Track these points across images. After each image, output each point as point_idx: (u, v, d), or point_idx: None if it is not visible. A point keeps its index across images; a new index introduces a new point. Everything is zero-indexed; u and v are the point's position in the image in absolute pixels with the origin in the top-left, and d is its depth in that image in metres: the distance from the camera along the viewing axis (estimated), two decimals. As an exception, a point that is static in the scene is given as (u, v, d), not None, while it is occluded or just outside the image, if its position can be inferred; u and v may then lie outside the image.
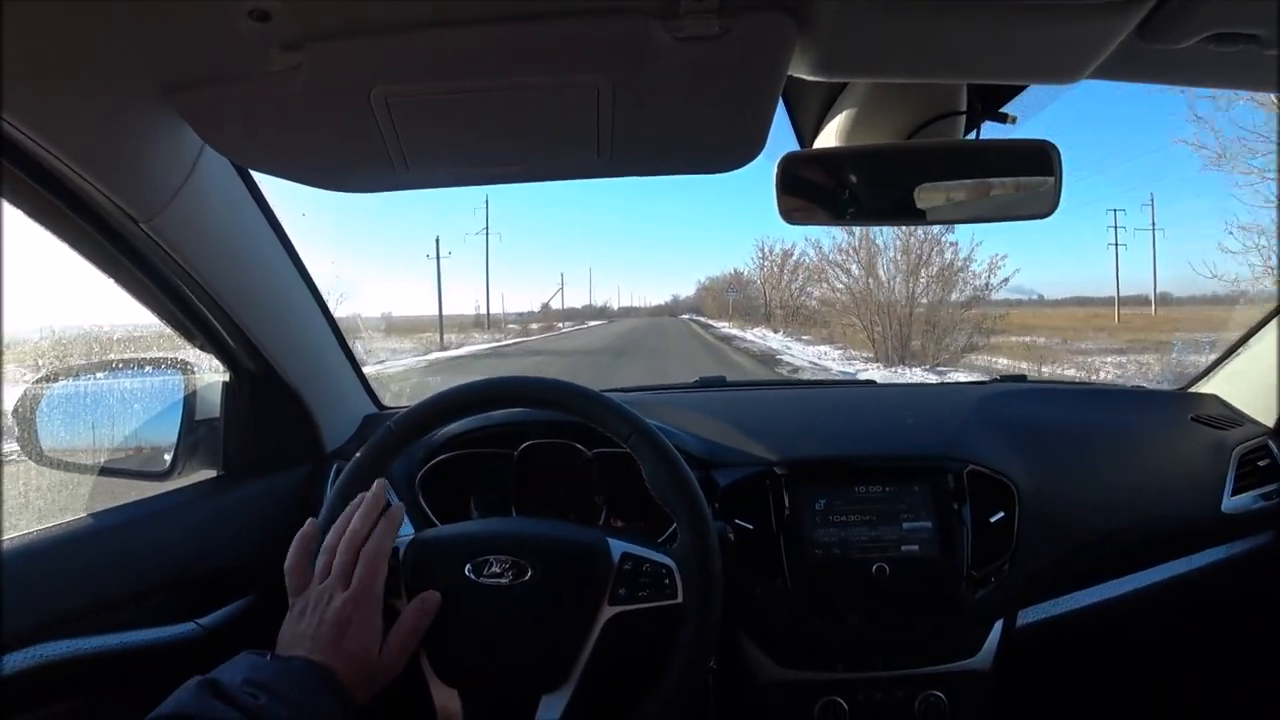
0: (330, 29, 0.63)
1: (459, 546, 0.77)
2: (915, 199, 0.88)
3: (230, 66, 0.67)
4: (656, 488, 0.80)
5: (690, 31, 0.63)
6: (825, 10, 0.62)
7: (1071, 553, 1.11)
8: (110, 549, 0.90)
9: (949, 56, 0.71)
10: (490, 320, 45.19)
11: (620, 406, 0.83)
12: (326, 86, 0.68)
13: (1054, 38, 0.66)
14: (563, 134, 0.77)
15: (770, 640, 1.04)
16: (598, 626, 0.74)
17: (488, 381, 0.86)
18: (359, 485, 0.82)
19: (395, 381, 11.97)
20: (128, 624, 0.88)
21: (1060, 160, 0.87)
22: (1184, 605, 1.23)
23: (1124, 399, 1.46)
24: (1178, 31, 0.65)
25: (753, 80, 0.70)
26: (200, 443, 1.09)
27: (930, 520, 1.02)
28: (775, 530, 1.02)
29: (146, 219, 0.80)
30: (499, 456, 1.14)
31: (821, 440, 1.13)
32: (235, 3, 0.59)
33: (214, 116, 0.73)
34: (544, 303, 67.19)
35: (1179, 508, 1.20)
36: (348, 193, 0.85)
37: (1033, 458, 1.13)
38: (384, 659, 0.69)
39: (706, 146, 0.82)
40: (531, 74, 0.68)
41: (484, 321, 44.69)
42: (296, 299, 1.12)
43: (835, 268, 17.05)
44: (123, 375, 1.10)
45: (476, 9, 0.62)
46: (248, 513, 1.08)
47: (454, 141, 0.78)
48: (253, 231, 1.00)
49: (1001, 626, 1.06)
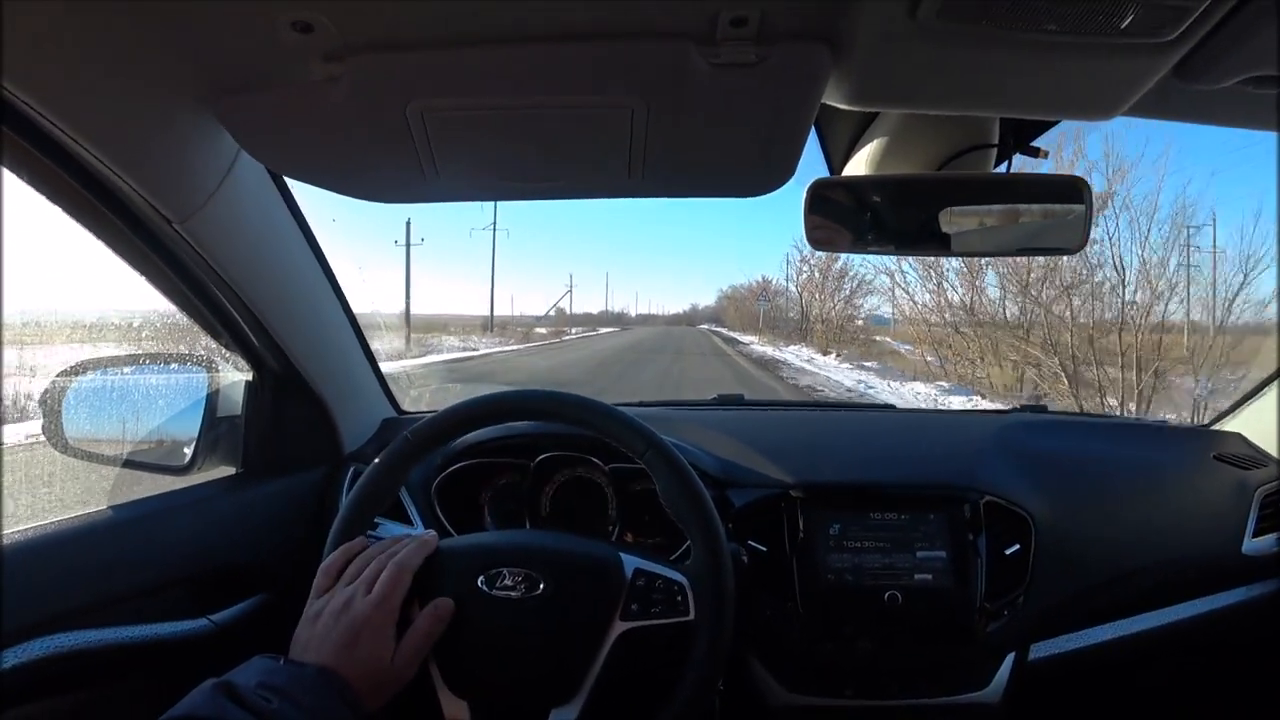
0: (370, 42, 0.64)
1: (472, 557, 0.77)
2: (943, 229, 0.88)
3: (271, 75, 0.68)
4: (671, 504, 0.80)
5: (727, 58, 0.64)
6: (861, 41, 0.62)
7: (1087, 588, 1.10)
8: (126, 542, 0.91)
9: (984, 90, 0.71)
10: (499, 323, 42.65)
11: (636, 422, 0.83)
12: (364, 98, 0.69)
13: (1090, 74, 0.66)
14: (596, 153, 0.78)
15: (780, 664, 1.03)
16: (609, 641, 0.74)
17: (506, 394, 0.87)
18: (377, 492, 0.83)
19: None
20: (142, 617, 0.89)
21: (1091, 195, 0.87)
22: (1201, 647, 1.21)
23: (1146, 434, 1.44)
24: (1215, 73, 0.65)
25: (787, 108, 0.70)
26: (221, 439, 1.11)
27: (945, 550, 1.01)
28: (788, 553, 1.02)
29: (181, 220, 0.81)
30: (515, 467, 1.15)
31: (838, 464, 1.13)
32: (280, 14, 0.60)
33: (252, 123, 0.75)
34: (553, 306, 64.26)
35: (1199, 547, 1.18)
36: (379, 202, 0.86)
37: (1051, 491, 1.12)
38: (396, 666, 0.69)
39: (738, 171, 0.82)
40: (567, 93, 0.69)
41: (493, 323, 41.91)
42: (322, 302, 1.13)
43: (920, 284, 12.68)
44: (148, 370, 1.12)
45: (515, 28, 0.62)
46: (264, 511, 1.09)
47: (487, 156, 0.79)
48: (283, 235, 1.01)
49: (1013, 660, 1.05)
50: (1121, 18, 0.56)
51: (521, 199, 0.91)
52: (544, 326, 50.09)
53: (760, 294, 32.90)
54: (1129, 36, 0.59)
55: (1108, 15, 0.56)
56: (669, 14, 0.61)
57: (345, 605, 0.70)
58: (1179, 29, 0.57)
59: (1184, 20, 0.56)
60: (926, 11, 0.57)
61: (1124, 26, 0.57)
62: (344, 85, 0.67)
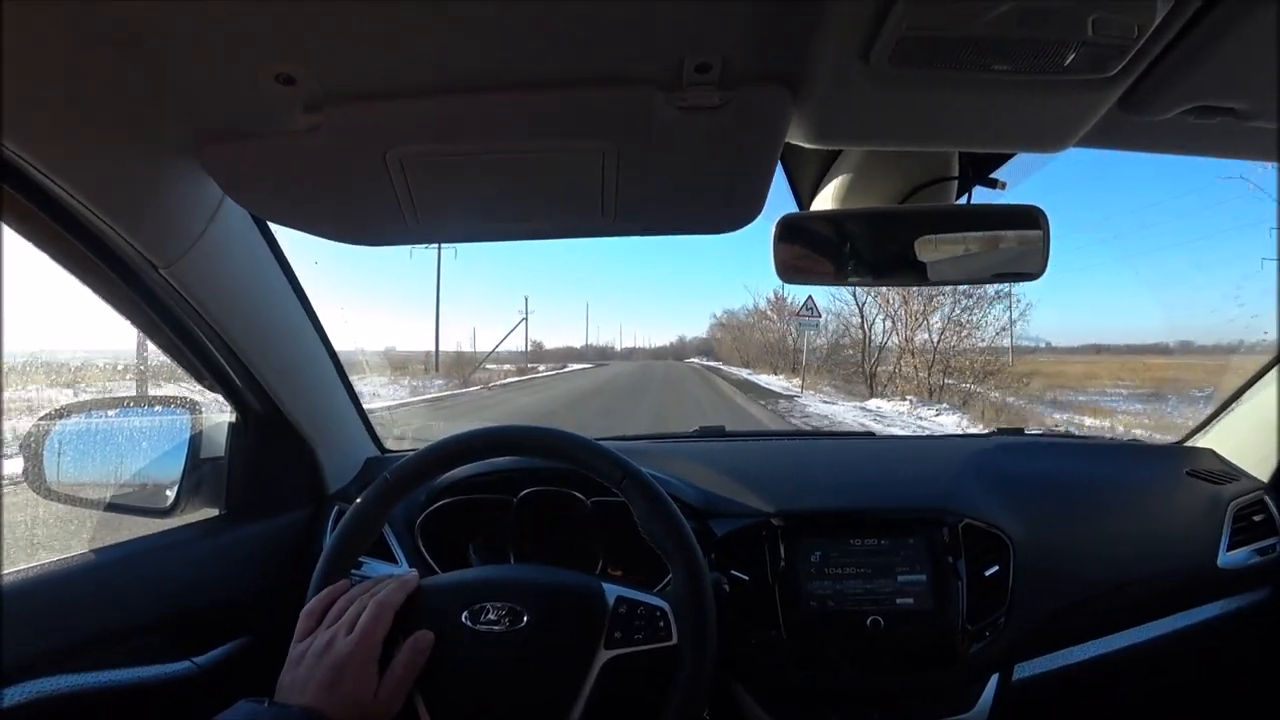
0: (350, 93, 0.66)
1: (455, 593, 0.78)
2: (909, 260, 0.91)
3: (255, 125, 0.70)
4: (649, 531, 0.82)
5: (692, 101, 0.67)
6: (820, 84, 0.65)
7: (1067, 607, 1.11)
8: (108, 585, 0.90)
9: (939, 126, 0.74)
10: (459, 360, 32.83)
11: (612, 453, 0.84)
12: (345, 146, 0.71)
13: (1039, 109, 0.70)
14: (570, 195, 0.81)
15: (765, 691, 1.03)
16: (594, 670, 0.74)
17: (485, 430, 0.88)
18: (360, 531, 0.83)
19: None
20: (124, 661, 0.88)
21: (1048, 223, 0.90)
22: (1181, 661, 1.22)
23: (1120, 453, 1.46)
24: (1158, 104, 0.68)
25: (752, 147, 0.74)
26: (204, 481, 1.11)
27: (925, 573, 1.03)
28: (771, 581, 1.03)
29: (165, 265, 0.82)
30: (498, 503, 1.15)
31: (818, 492, 1.14)
32: (263, 67, 0.63)
33: (237, 171, 0.77)
34: (502, 340, 51.88)
35: (1175, 562, 1.20)
36: (359, 245, 0.88)
37: (1028, 512, 1.14)
38: (380, 702, 0.69)
39: (707, 208, 0.85)
40: (541, 138, 0.71)
41: (454, 360, 32.59)
42: (305, 343, 1.15)
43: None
44: (131, 413, 1.12)
45: (489, 77, 0.65)
46: (248, 552, 1.09)
47: (465, 200, 0.81)
48: (267, 279, 1.03)
49: (997, 680, 1.05)
50: (1064, 57, 0.60)
51: (500, 239, 0.93)
52: (500, 363, 41.14)
53: (804, 312, 18.88)
54: (1073, 74, 0.62)
55: (1051, 55, 0.59)
56: (636, 62, 0.64)
57: (327, 646, 0.70)
58: (1119, 65, 0.61)
59: (1123, 57, 0.60)
60: (879, 56, 0.60)
61: (1068, 64, 0.60)
62: (325, 133, 0.69)
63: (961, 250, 0.92)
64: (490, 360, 37.55)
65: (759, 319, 34.04)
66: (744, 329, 45.62)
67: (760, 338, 37.77)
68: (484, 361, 34.72)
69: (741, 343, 45.90)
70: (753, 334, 41.39)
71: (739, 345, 46.66)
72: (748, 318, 44.11)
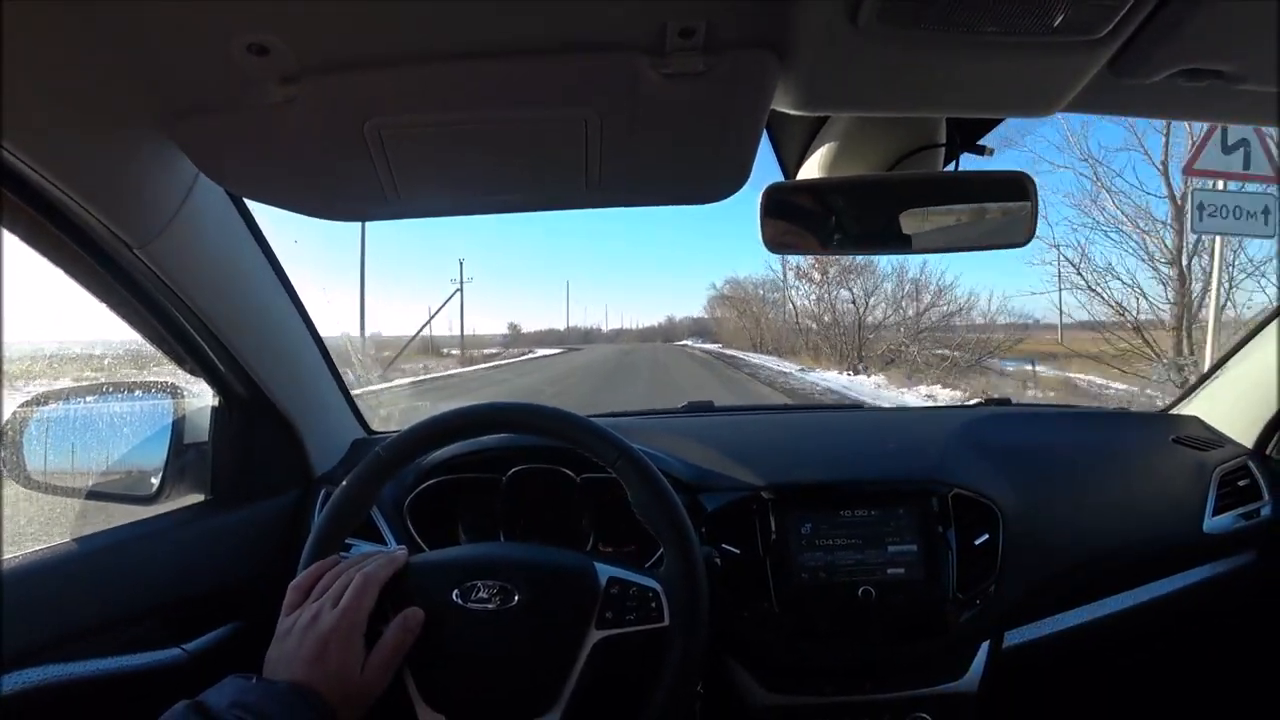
0: (326, 63, 0.64)
1: (446, 572, 0.77)
2: (896, 229, 0.90)
3: (228, 98, 0.68)
4: (641, 511, 0.81)
5: (676, 68, 0.65)
6: (805, 47, 0.64)
7: (1056, 574, 1.12)
8: (94, 574, 0.89)
9: (927, 91, 0.73)
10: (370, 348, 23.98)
11: (605, 431, 0.83)
12: (322, 118, 0.69)
13: (1029, 72, 0.69)
14: (552, 165, 0.79)
15: (758, 665, 1.04)
16: (585, 650, 0.74)
17: (474, 407, 0.87)
18: (349, 510, 0.83)
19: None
20: (112, 650, 0.87)
21: (1036, 190, 0.90)
22: (1169, 625, 1.24)
23: (1107, 422, 1.48)
24: (1147, 67, 0.68)
25: (737, 114, 0.72)
26: (188, 467, 1.09)
27: (915, 544, 1.03)
28: (762, 555, 1.03)
29: (140, 245, 0.80)
30: (487, 482, 1.15)
31: (808, 465, 1.14)
32: (234, 37, 0.60)
33: (211, 146, 0.75)
34: (425, 325, 41.47)
35: (1162, 529, 1.21)
36: (340, 221, 0.87)
37: (1017, 481, 1.15)
38: (365, 678, 0.69)
39: (692, 177, 0.84)
40: (522, 107, 0.70)
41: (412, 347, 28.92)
42: (287, 324, 1.13)
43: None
44: (112, 399, 1.10)
45: (469, 44, 0.64)
46: (235, 537, 1.08)
47: (446, 172, 0.80)
48: (246, 258, 1.01)
49: (988, 648, 1.06)
50: (1053, 18, 0.59)
51: (482, 213, 0.92)
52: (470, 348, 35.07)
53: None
54: (1062, 35, 0.61)
55: (1040, 15, 0.58)
56: (619, 27, 0.62)
57: (313, 619, 0.70)
58: (1108, 26, 0.60)
59: (1112, 18, 0.59)
60: (866, 17, 0.59)
61: (1056, 25, 0.59)
62: (301, 106, 0.68)
63: (950, 219, 0.92)
64: (442, 344, 31.08)
65: (801, 277, 21.76)
66: (752, 303, 34.43)
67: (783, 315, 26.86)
68: (404, 350, 27.32)
69: (751, 320, 34.37)
70: (766, 309, 32.04)
71: (749, 323, 35.02)
72: (759, 288, 33.68)
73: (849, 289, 19.35)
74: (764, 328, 31.73)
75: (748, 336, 34.57)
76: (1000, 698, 1.07)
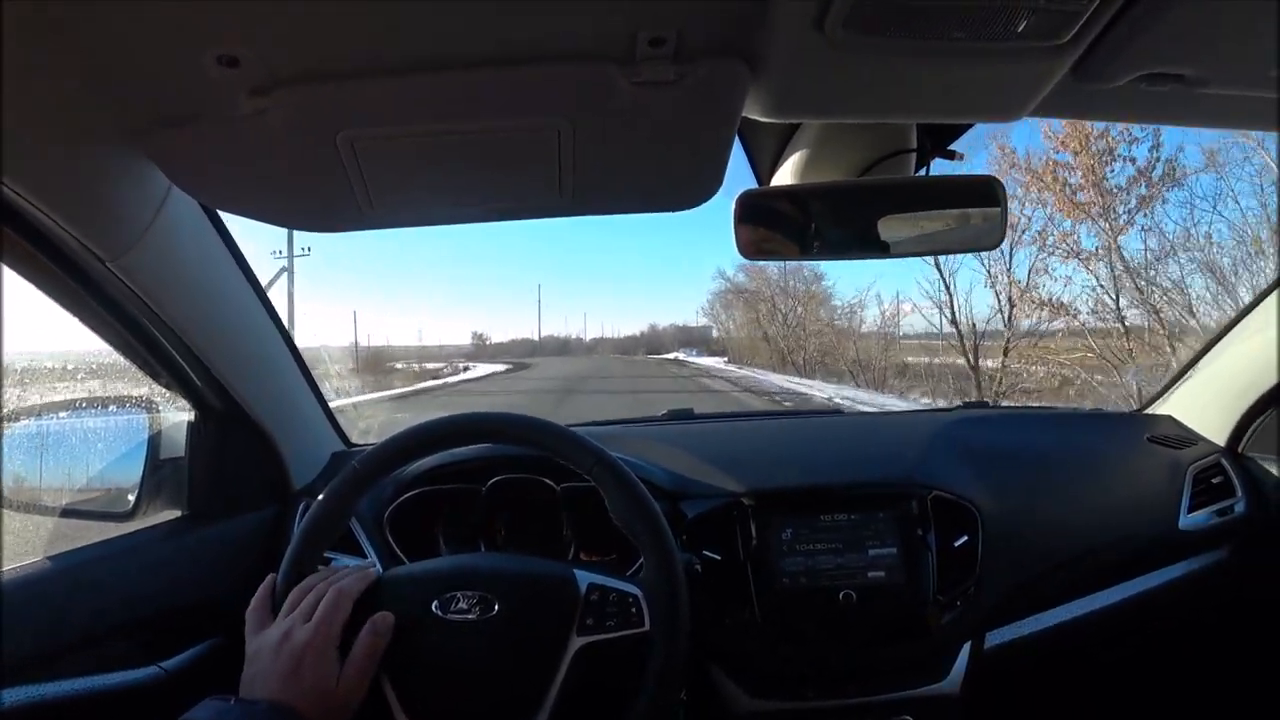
0: (297, 74, 0.64)
1: (425, 583, 0.77)
2: (869, 234, 0.91)
3: (199, 110, 0.68)
4: (619, 516, 0.81)
5: (647, 77, 0.66)
6: (775, 56, 0.65)
7: (1035, 574, 1.13)
8: (69, 592, 0.88)
9: (896, 97, 0.74)
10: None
11: (581, 438, 0.83)
12: (294, 130, 0.69)
13: (994, 78, 0.70)
14: (525, 175, 0.80)
15: (741, 671, 1.04)
16: (567, 658, 0.74)
17: (451, 418, 0.87)
18: (326, 524, 0.82)
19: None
20: (88, 669, 0.86)
21: (1005, 194, 0.91)
22: (1147, 622, 1.26)
23: (1083, 423, 1.50)
24: (1109, 72, 0.69)
25: (709, 122, 0.73)
26: (165, 483, 1.08)
27: (895, 547, 1.04)
28: (743, 560, 1.03)
29: (113, 258, 0.80)
30: (467, 492, 1.14)
31: (787, 470, 1.15)
32: (205, 49, 0.60)
33: (183, 159, 0.75)
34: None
35: (1138, 527, 1.23)
36: (314, 232, 0.86)
37: (995, 482, 1.15)
38: (342, 690, 0.68)
39: (665, 186, 0.84)
40: (494, 117, 0.70)
41: (373, 357, 26.79)
42: (263, 336, 1.12)
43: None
44: (85, 414, 1.09)
45: (440, 56, 0.64)
46: (214, 552, 1.06)
47: (419, 182, 0.80)
48: (220, 270, 1.00)
49: (969, 650, 1.07)
50: (1017, 23, 0.60)
51: (456, 223, 0.92)
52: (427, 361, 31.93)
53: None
54: (1026, 40, 0.62)
55: (1004, 20, 0.59)
56: (589, 37, 0.63)
57: (285, 636, 0.69)
58: (1071, 31, 0.61)
59: (1074, 24, 0.60)
60: (833, 25, 0.60)
61: (1021, 30, 0.60)
62: (273, 118, 0.67)
63: (922, 224, 0.93)
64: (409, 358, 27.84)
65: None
66: (777, 299, 21.95)
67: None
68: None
69: (779, 322, 21.95)
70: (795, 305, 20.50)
71: (777, 327, 22.29)
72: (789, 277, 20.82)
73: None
74: (796, 332, 20.97)
75: (770, 347, 23.54)
76: (983, 698, 1.08)
